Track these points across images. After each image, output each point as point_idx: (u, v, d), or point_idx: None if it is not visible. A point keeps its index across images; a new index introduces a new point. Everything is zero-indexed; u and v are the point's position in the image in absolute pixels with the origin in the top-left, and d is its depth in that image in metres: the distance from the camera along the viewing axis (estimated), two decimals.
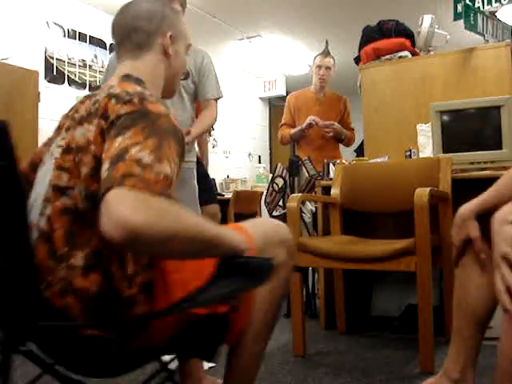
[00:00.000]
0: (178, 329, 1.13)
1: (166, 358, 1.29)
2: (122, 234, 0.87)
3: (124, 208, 0.87)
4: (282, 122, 4.01)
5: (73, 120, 1.13)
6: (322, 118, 3.74)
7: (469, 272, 1.43)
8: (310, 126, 3.71)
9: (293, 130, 3.85)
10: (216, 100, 2.45)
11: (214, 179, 5.88)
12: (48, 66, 4.70)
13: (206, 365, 2.04)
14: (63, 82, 4.82)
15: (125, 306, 1.04)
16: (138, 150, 0.95)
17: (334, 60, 3.93)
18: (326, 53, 3.91)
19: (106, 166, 0.95)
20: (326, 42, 3.98)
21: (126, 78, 1.19)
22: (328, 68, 3.87)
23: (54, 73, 4.75)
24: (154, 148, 0.98)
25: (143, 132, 0.99)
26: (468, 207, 1.41)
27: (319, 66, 3.87)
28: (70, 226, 1.03)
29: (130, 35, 1.26)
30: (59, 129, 1.17)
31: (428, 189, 2.06)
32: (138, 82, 1.19)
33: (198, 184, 3.75)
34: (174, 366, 1.52)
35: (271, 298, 1.26)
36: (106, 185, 0.91)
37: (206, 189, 3.57)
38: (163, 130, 1.02)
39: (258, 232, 1.24)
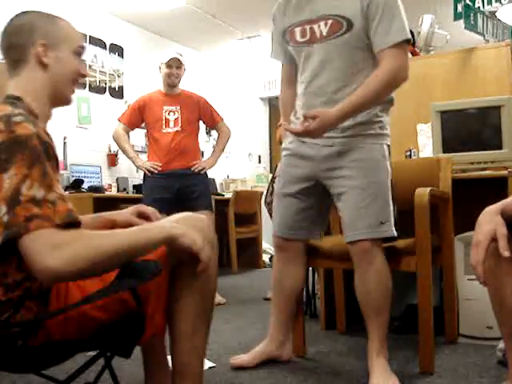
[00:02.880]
0: (87, 328, 1.17)
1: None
2: (48, 279, 1.03)
3: (40, 258, 0.99)
4: (281, 121, 3.99)
5: None
6: None
7: (499, 274, 1.33)
8: None
9: None
10: (403, 44, 1.94)
11: (213, 179, 5.89)
12: None
13: (207, 364, 2.04)
14: None
15: (6, 310, 1.08)
16: (28, 187, 1.03)
17: None
18: None
19: (3, 209, 1.02)
20: None
21: (5, 99, 1.21)
22: None
23: None
24: (40, 178, 1.04)
25: (24, 162, 1.04)
26: (493, 205, 1.33)
27: None
28: None
29: (7, 53, 1.28)
30: None
31: (428, 189, 2.06)
32: (14, 101, 1.20)
33: (196, 189, 3.71)
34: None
35: (202, 295, 1.32)
36: (11, 230, 1.00)
37: (204, 195, 3.59)
38: (38, 153, 1.06)
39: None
